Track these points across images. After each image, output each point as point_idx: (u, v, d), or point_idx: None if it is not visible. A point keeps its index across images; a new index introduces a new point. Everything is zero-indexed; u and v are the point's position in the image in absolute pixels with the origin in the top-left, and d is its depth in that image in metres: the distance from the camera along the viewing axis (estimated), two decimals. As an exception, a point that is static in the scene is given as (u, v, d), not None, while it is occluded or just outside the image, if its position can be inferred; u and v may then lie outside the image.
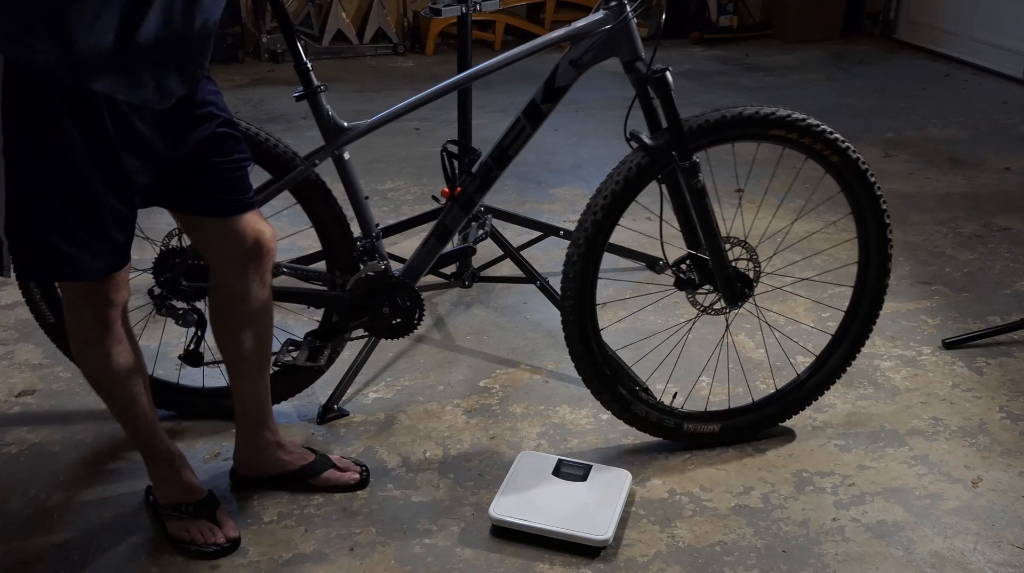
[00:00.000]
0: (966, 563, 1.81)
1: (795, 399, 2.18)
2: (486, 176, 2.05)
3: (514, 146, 2.02)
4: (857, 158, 2.03)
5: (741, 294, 2.02)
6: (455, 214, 2.08)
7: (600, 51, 1.95)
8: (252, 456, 2.00)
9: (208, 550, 1.84)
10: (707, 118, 1.94)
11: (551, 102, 1.99)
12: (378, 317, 2.11)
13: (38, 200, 1.50)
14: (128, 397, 1.79)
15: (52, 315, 2.20)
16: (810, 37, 6.17)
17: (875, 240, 2.11)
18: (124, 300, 1.70)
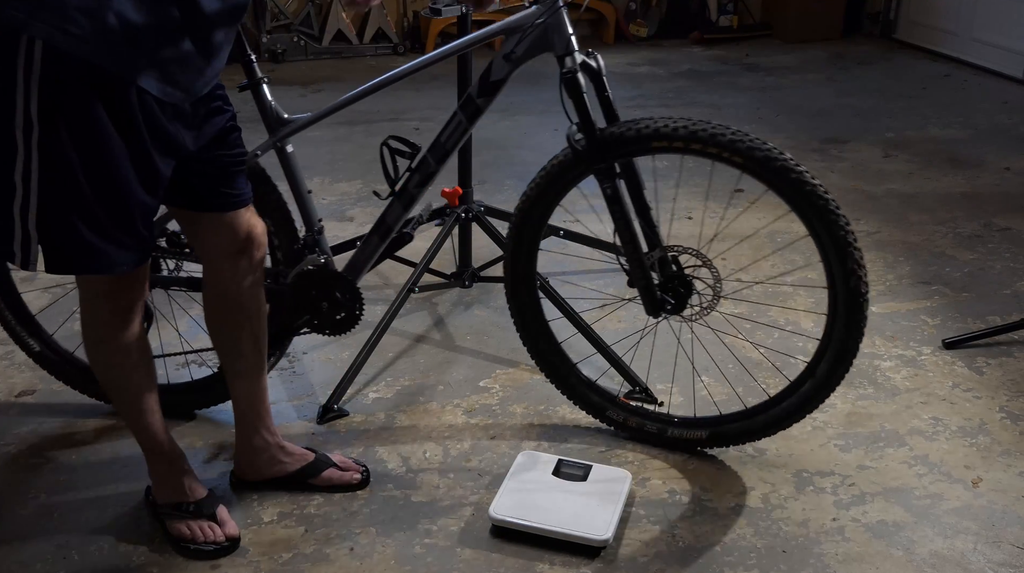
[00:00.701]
0: (966, 563, 1.81)
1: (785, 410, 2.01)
2: (425, 171, 2.06)
3: (451, 140, 2.03)
4: (767, 154, 1.81)
5: (677, 304, 1.96)
6: (396, 210, 2.10)
7: (532, 45, 1.96)
8: (252, 458, 2.00)
9: (208, 549, 1.84)
10: (621, 129, 1.90)
11: (486, 96, 2.00)
12: (318, 312, 2.12)
13: (71, 193, 1.51)
14: (137, 394, 1.79)
15: (36, 343, 2.22)
16: (810, 37, 6.17)
17: (827, 240, 1.85)
18: (142, 296, 1.71)
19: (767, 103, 4.86)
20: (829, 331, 1.91)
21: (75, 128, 1.47)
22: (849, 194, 3.62)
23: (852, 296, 1.85)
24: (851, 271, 1.84)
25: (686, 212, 3.42)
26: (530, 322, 2.18)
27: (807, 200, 1.81)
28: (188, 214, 1.78)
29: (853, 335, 1.88)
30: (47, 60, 1.42)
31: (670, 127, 1.85)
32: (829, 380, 1.94)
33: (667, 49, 6.09)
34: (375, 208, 3.47)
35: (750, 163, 1.81)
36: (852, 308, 1.86)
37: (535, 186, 2.02)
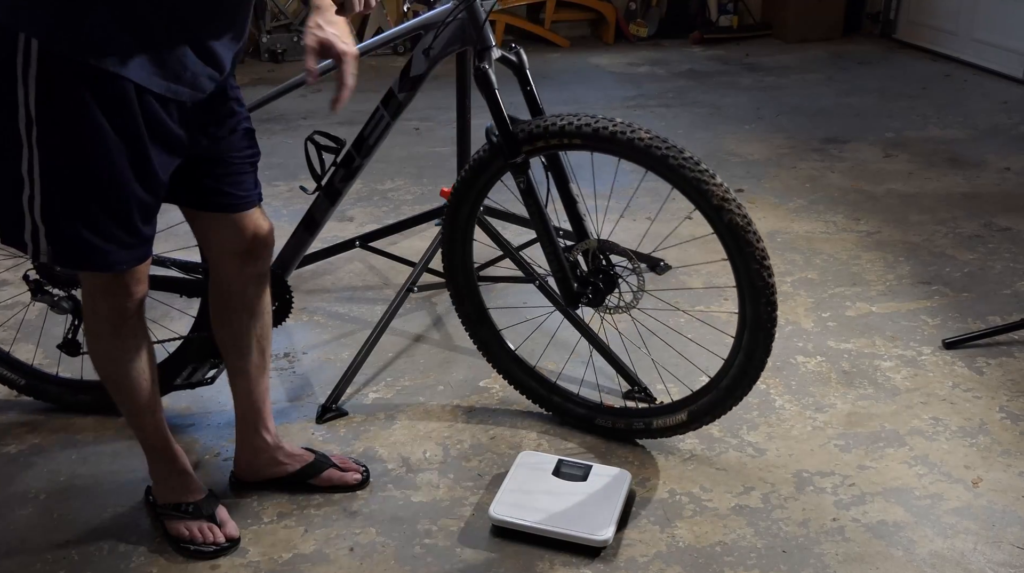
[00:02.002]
0: (966, 563, 1.81)
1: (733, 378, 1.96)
2: (349, 166, 2.10)
3: (374, 135, 2.09)
4: (649, 145, 1.79)
5: (589, 295, 1.97)
6: (322, 204, 2.14)
7: (449, 40, 1.98)
8: (251, 459, 2.00)
9: (208, 549, 1.84)
10: (530, 126, 1.89)
11: (407, 91, 2.04)
12: None
13: (68, 191, 1.52)
14: (137, 392, 1.79)
15: (20, 377, 2.23)
16: (810, 37, 6.16)
17: (721, 229, 1.81)
18: (143, 294, 1.71)
19: (767, 103, 4.86)
20: (742, 306, 1.88)
21: (69, 127, 1.47)
22: (849, 194, 3.62)
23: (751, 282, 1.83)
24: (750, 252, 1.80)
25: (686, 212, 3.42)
26: (496, 351, 2.22)
27: (703, 198, 1.79)
28: (197, 213, 1.79)
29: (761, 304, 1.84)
30: (42, 58, 1.42)
31: (574, 125, 1.83)
32: (753, 352, 1.89)
33: (667, 49, 6.09)
34: (375, 208, 3.47)
35: (650, 162, 1.81)
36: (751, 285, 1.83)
37: (460, 181, 2.06)
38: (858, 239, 3.22)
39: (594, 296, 1.99)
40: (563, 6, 6.15)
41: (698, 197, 1.80)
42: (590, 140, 1.84)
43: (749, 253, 1.80)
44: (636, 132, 1.80)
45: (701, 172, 1.79)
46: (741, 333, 1.90)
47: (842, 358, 2.50)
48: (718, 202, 1.78)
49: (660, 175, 1.83)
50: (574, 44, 6.18)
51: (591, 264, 1.98)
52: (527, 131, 1.90)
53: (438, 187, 2.79)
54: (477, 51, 1.94)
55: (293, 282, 2.80)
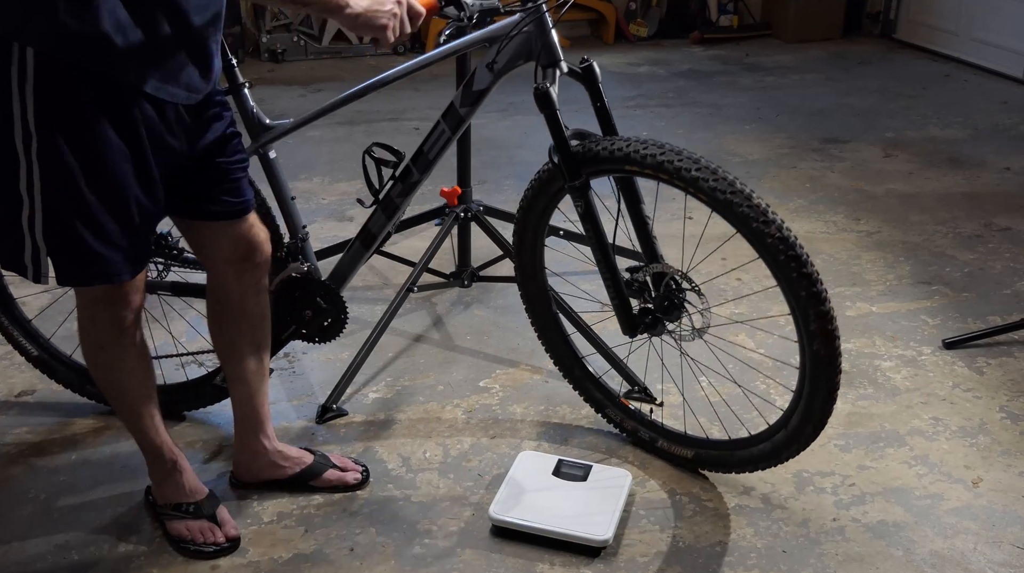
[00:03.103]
0: (966, 563, 1.81)
1: (760, 452, 1.93)
2: (408, 181, 2.03)
3: (434, 150, 2.00)
4: (728, 199, 1.70)
5: (650, 323, 1.90)
6: (379, 219, 2.09)
7: (514, 54, 1.88)
8: (250, 462, 2.00)
9: (208, 550, 1.84)
10: (596, 148, 1.81)
11: (469, 106, 1.95)
12: (300, 320, 2.10)
13: (75, 202, 1.50)
14: (137, 398, 1.79)
15: (35, 348, 2.23)
16: (810, 37, 6.16)
17: (793, 299, 1.72)
18: (141, 302, 1.70)
19: (767, 103, 4.86)
20: (800, 386, 1.80)
21: (73, 135, 1.46)
22: (849, 194, 3.62)
23: (816, 360, 1.73)
24: (816, 333, 1.71)
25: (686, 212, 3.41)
26: (540, 311, 2.18)
27: (768, 253, 1.70)
28: (189, 223, 1.77)
29: (823, 397, 1.77)
30: (40, 68, 1.40)
31: (640, 154, 1.75)
32: (799, 435, 1.84)
33: (667, 49, 6.08)
34: (375, 208, 3.47)
35: (713, 203, 1.73)
36: (818, 370, 1.74)
37: (525, 198, 2.02)
38: (858, 239, 3.22)
39: (655, 325, 1.91)
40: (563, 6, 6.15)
41: (765, 255, 1.71)
42: (654, 171, 1.75)
43: (831, 365, 1.72)
44: (702, 171, 1.71)
45: (767, 224, 1.67)
46: (783, 423, 1.87)
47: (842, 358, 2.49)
48: (796, 275, 1.68)
49: (723, 217, 1.74)
50: (574, 44, 6.18)
51: (660, 289, 1.89)
52: (591, 153, 1.81)
53: (438, 187, 2.79)
54: (542, 66, 1.84)
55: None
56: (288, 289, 2.09)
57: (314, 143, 4.16)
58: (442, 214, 2.77)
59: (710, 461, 2.02)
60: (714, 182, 1.71)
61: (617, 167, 1.80)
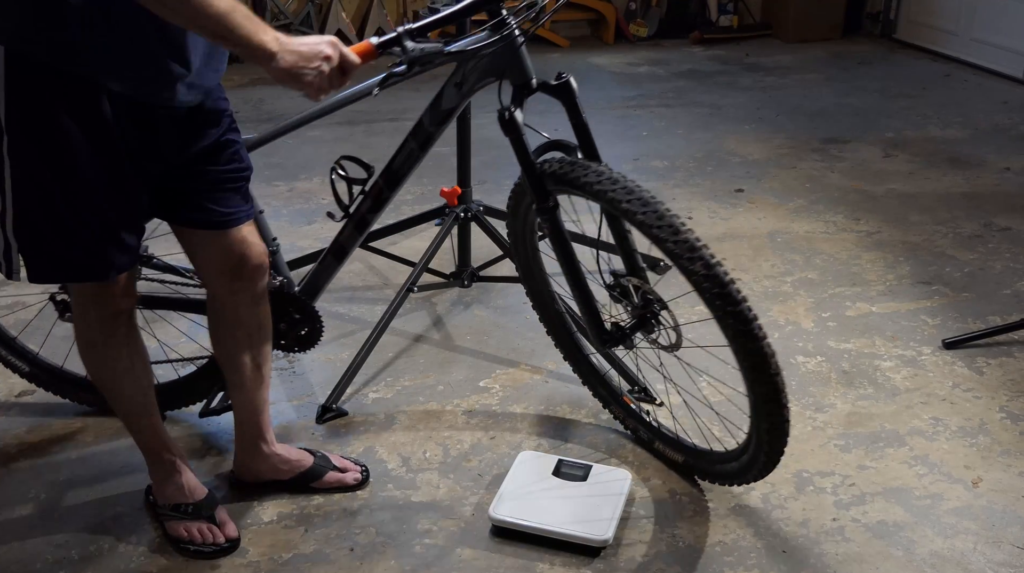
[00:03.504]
0: (966, 563, 1.81)
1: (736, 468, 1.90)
2: (378, 197, 2.03)
3: (404, 167, 2.00)
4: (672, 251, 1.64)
5: (619, 338, 1.89)
6: (350, 233, 2.07)
7: (482, 74, 1.85)
8: (250, 464, 2.00)
9: (207, 550, 1.84)
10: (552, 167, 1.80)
11: (438, 125, 1.94)
12: (276, 333, 2.09)
13: (44, 202, 1.50)
14: (131, 398, 1.79)
15: (24, 364, 2.23)
16: (810, 37, 6.16)
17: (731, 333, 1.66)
18: (132, 302, 1.70)
19: (767, 103, 4.86)
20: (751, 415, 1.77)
21: (42, 134, 1.45)
22: (849, 194, 3.62)
23: (757, 397, 1.68)
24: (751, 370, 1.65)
25: (686, 212, 3.42)
26: (544, 308, 2.19)
27: (709, 300, 1.64)
28: (181, 230, 1.75)
29: (767, 428, 1.73)
30: (10, 65, 1.40)
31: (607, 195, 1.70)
32: (754, 463, 1.82)
33: (667, 49, 6.08)
34: (375, 208, 3.47)
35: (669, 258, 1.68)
36: (759, 406, 1.69)
37: (509, 204, 2.06)
38: (858, 239, 3.22)
39: (624, 339, 1.91)
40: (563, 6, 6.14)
41: (716, 314, 1.65)
42: (616, 212, 1.72)
43: (772, 401, 1.66)
44: (661, 230, 1.64)
45: (722, 296, 1.62)
46: (745, 448, 1.84)
47: (842, 358, 2.50)
48: (738, 332, 1.63)
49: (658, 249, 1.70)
50: (574, 44, 6.18)
51: (639, 300, 1.88)
52: (559, 175, 1.79)
53: (438, 187, 2.79)
54: (512, 85, 1.80)
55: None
56: None
57: (314, 143, 4.16)
58: (442, 214, 2.77)
59: (697, 469, 2.02)
60: (674, 246, 1.64)
61: (574, 191, 1.79)
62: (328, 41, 1.49)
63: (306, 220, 3.38)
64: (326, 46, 1.48)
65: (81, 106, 1.46)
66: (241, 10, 1.37)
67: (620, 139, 4.29)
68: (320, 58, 1.48)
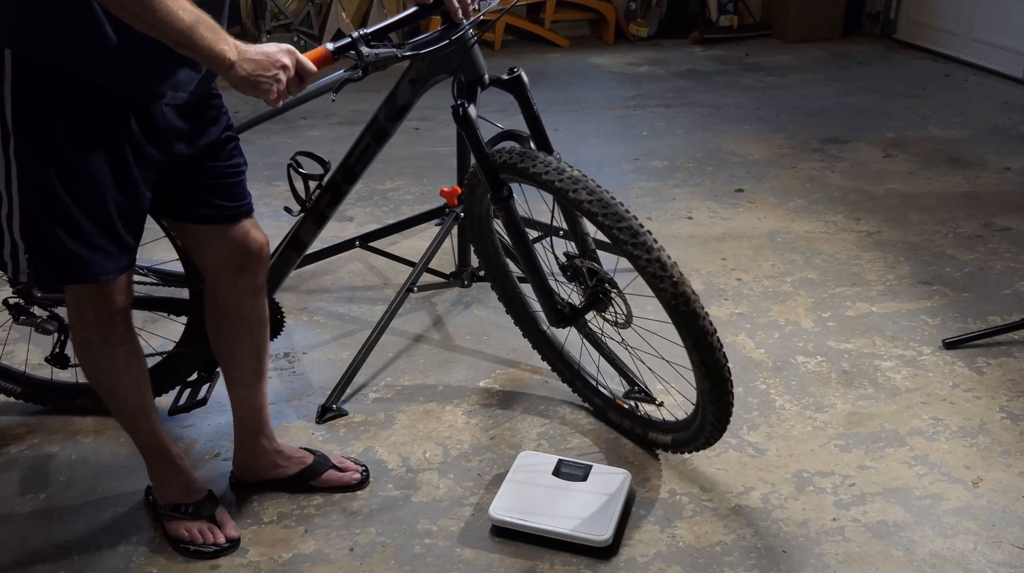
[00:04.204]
0: (966, 563, 1.81)
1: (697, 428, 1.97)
2: (336, 191, 2.06)
3: (360, 162, 2.03)
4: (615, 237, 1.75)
5: (569, 317, 2.01)
6: (308, 227, 2.10)
7: (435, 70, 1.91)
8: (250, 463, 2.00)
9: (208, 550, 1.84)
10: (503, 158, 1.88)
11: (394, 120, 1.98)
12: None
13: (50, 202, 1.50)
14: (129, 398, 1.79)
15: (11, 384, 2.23)
16: (810, 37, 6.16)
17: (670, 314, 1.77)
18: (128, 302, 1.70)
19: (767, 103, 4.86)
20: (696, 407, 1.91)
21: (48, 136, 1.46)
22: (849, 194, 3.62)
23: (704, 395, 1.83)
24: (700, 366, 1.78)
25: (686, 212, 3.42)
26: (530, 329, 2.25)
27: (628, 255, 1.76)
28: (185, 226, 1.77)
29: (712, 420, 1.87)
30: (17, 68, 1.41)
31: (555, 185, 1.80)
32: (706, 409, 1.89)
33: (667, 49, 6.08)
34: (375, 208, 3.47)
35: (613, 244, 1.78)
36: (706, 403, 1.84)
37: (463, 199, 2.10)
38: (858, 239, 3.22)
39: (574, 318, 2.02)
40: (563, 6, 6.15)
41: (635, 266, 1.76)
42: (564, 201, 1.82)
43: (703, 345, 1.76)
44: (607, 218, 1.74)
45: (638, 246, 1.73)
46: (699, 395, 1.90)
47: (842, 358, 2.50)
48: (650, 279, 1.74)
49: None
50: (574, 44, 6.18)
51: (589, 281, 1.97)
52: (511, 166, 1.87)
53: (438, 187, 2.79)
54: (464, 81, 1.87)
55: (293, 282, 2.80)
56: None
57: (314, 143, 4.16)
58: (442, 214, 2.77)
59: (681, 442, 2.04)
60: (617, 233, 1.74)
61: (525, 180, 1.86)
62: (284, 50, 1.51)
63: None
64: (283, 55, 1.50)
65: (87, 108, 1.47)
66: (205, 21, 1.39)
67: (620, 139, 4.29)
68: (277, 66, 1.49)
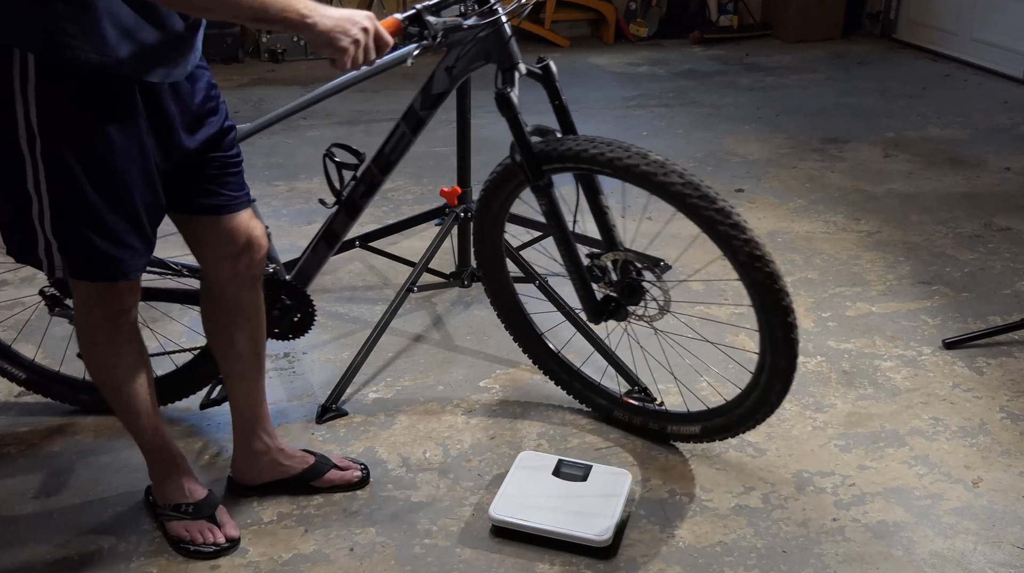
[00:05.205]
0: (966, 563, 1.81)
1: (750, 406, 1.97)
2: (371, 182, 2.06)
3: (395, 152, 2.03)
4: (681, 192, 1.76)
5: (612, 310, 1.97)
6: (342, 219, 2.10)
7: (472, 58, 1.92)
8: (251, 462, 1.99)
9: (208, 550, 1.84)
10: (562, 147, 1.85)
11: (429, 108, 1.98)
12: (271, 320, 2.10)
13: (78, 202, 1.51)
14: (133, 397, 1.79)
15: (20, 371, 2.23)
16: (810, 37, 6.16)
17: (747, 284, 1.80)
18: (135, 301, 1.70)
19: (767, 103, 4.86)
20: (763, 353, 1.88)
21: (75, 137, 1.46)
22: (849, 194, 3.62)
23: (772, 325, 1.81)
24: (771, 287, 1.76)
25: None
26: (524, 335, 2.25)
27: (723, 240, 1.76)
28: (188, 218, 1.77)
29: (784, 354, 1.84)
30: (41, 70, 1.41)
31: (606, 156, 1.80)
32: (770, 387, 1.90)
33: (667, 49, 6.08)
34: (375, 208, 3.47)
35: (682, 208, 1.78)
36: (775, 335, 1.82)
37: (483, 192, 2.06)
38: (858, 239, 3.22)
39: (618, 310, 1.98)
40: (563, 6, 6.15)
41: (727, 250, 1.77)
42: (620, 173, 1.80)
43: (775, 312, 1.77)
44: (669, 175, 1.76)
45: (732, 227, 1.74)
46: (759, 373, 1.90)
47: (842, 358, 2.50)
48: (745, 258, 1.74)
49: (689, 218, 1.79)
50: (574, 44, 6.18)
51: (619, 274, 1.96)
52: (555, 152, 1.85)
53: (438, 187, 2.79)
54: (501, 70, 1.89)
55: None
56: None
57: (314, 143, 4.16)
58: (442, 214, 2.77)
59: (716, 430, 2.04)
60: (682, 187, 1.76)
61: (575, 165, 1.85)
62: (366, 15, 1.53)
63: (306, 220, 3.37)
64: (364, 19, 1.52)
65: (113, 107, 1.48)
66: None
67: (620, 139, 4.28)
68: (359, 27, 1.51)
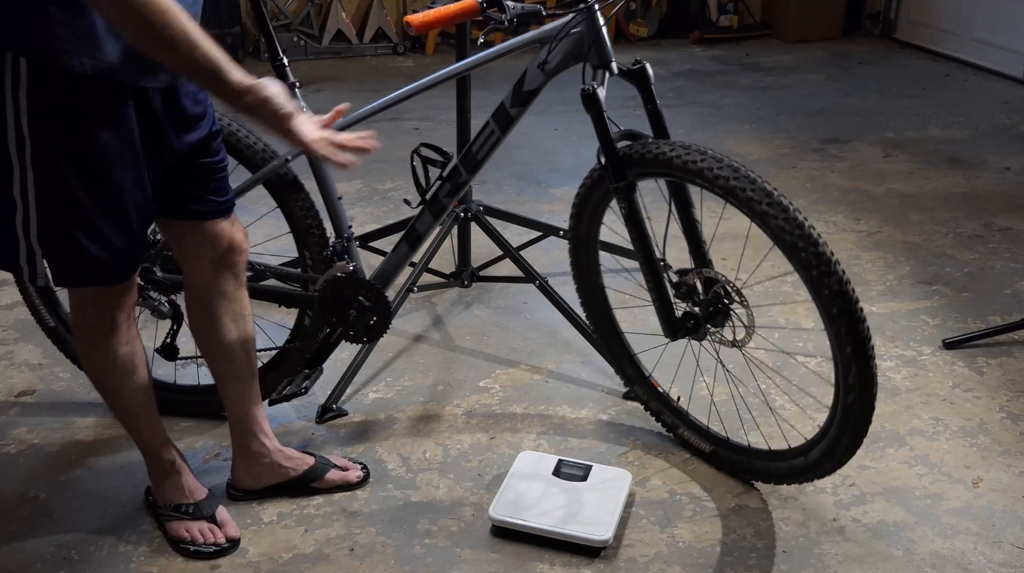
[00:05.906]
0: (966, 563, 1.81)
1: (789, 467, 1.92)
2: (456, 181, 2.03)
3: (483, 150, 1.99)
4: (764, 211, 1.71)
5: (692, 327, 1.90)
6: (425, 219, 2.08)
7: (565, 55, 1.89)
8: (251, 465, 1.98)
9: (208, 550, 1.84)
10: (646, 150, 1.80)
11: (520, 106, 1.95)
12: (346, 320, 2.10)
13: (69, 207, 1.50)
14: (132, 399, 1.79)
15: (52, 319, 2.22)
16: (810, 37, 6.17)
17: (829, 317, 1.70)
18: (133, 301, 1.70)
19: (767, 103, 4.86)
20: (828, 425, 1.80)
21: (67, 140, 1.45)
22: (849, 194, 3.62)
23: (848, 412, 1.72)
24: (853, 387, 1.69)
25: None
26: (585, 284, 2.17)
27: (807, 270, 1.69)
28: (171, 222, 1.76)
29: (848, 442, 1.77)
30: (33, 74, 1.40)
31: (697, 164, 1.73)
32: (818, 467, 1.85)
33: (667, 49, 6.09)
34: (375, 207, 3.47)
35: (749, 212, 1.73)
36: (847, 419, 1.74)
37: (575, 206, 2.02)
38: (858, 239, 3.22)
39: (696, 329, 1.91)
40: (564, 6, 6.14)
41: (809, 281, 1.69)
42: (706, 183, 1.74)
43: (859, 354, 1.67)
44: (757, 192, 1.70)
45: (818, 257, 1.67)
46: (800, 453, 1.87)
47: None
48: (831, 293, 1.66)
49: (770, 239, 1.72)
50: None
51: (709, 295, 1.88)
52: (640, 156, 1.80)
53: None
54: (592, 66, 1.85)
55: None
56: (333, 288, 2.08)
57: (314, 143, 4.15)
58: (442, 214, 2.77)
59: (727, 462, 2.03)
60: (751, 192, 1.70)
61: (660, 171, 1.80)
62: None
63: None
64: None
65: (105, 110, 1.47)
66: None
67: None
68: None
